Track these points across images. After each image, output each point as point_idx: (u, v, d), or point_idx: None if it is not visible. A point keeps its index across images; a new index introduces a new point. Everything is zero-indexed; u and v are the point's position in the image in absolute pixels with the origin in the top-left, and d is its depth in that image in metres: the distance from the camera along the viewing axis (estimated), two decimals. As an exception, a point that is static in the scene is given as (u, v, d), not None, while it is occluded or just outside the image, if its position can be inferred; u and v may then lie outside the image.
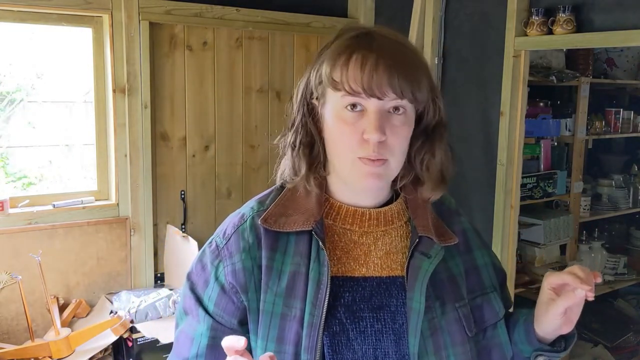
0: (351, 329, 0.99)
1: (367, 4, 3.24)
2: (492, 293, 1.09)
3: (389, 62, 0.93)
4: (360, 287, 1.01)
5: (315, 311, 0.97)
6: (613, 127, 3.75)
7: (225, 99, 2.96)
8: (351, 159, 0.97)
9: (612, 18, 2.28)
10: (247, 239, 1.02)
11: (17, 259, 2.46)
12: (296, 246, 1.01)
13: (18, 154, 2.78)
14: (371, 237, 1.04)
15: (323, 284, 0.97)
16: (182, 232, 2.77)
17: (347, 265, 1.02)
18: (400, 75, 0.93)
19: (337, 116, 0.97)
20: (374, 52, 0.94)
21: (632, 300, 4.10)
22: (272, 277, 1.00)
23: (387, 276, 1.02)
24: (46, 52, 2.71)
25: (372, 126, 0.94)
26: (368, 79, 0.92)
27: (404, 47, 0.98)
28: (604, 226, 4.14)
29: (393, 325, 1.00)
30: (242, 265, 1.01)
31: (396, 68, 0.93)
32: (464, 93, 2.84)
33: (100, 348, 2.36)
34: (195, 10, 2.77)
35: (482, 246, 1.13)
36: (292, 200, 1.05)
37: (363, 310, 1.00)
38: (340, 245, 1.03)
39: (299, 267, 1.00)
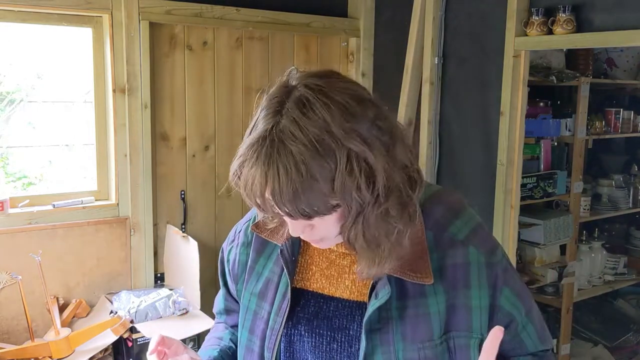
0: (307, 342, 1.04)
1: (367, 4, 3.24)
2: (475, 339, 0.99)
3: (274, 190, 0.86)
4: (325, 304, 1.04)
5: (277, 318, 1.05)
6: (613, 127, 3.74)
7: (225, 99, 2.96)
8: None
9: (612, 18, 2.28)
10: (248, 235, 1.14)
11: (17, 259, 2.46)
12: (276, 256, 1.08)
13: (18, 154, 2.78)
14: (348, 259, 1.04)
15: (286, 297, 1.05)
16: (182, 232, 2.77)
17: (319, 282, 1.06)
18: (293, 208, 0.86)
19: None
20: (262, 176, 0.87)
21: (632, 300, 4.11)
22: (252, 277, 1.11)
23: (354, 300, 1.02)
24: (46, 52, 2.71)
25: (290, 231, 0.95)
26: (261, 205, 0.90)
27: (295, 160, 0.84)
28: (604, 226, 4.14)
29: (349, 349, 1.01)
30: (240, 259, 1.15)
31: (281, 198, 0.85)
32: (464, 93, 2.84)
33: (100, 348, 2.36)
34: (195, 10, 2.77)
35: (486, 286, 1.00)
36: None
37: (322, 327, 1.03)
38: (316, 261, 1.07)
39: (273, 275, 1.08)
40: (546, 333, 1.13)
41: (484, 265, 1.00)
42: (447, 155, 2.94)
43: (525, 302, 1.06)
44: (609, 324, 3.91)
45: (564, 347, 3.53)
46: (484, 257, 1.00)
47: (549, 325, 3.51)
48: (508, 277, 1.03)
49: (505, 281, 1.02)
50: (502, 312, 1.02)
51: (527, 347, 1.09)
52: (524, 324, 1.06)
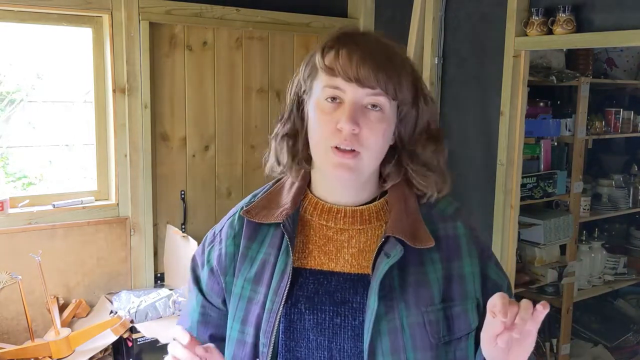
0: (308, 319, 1.03)
1: (367, 4, 3.24)
2: (471, 304, 1.05)
3: (375, 56, 0.99)
4: (326, 280, 1.05)
5: (276, 298, 1.03)
6: (613, 127, 3.74)
7: (225, 99, 2.96)
8: (324, 148, 1.01)
9: (612, 18, 2.28)
10: (235, 227, 1.13)
11: (17, 259, 2.46)
12: (272, 237, 1.08)
13: (18, 154, 2.78)
14: (346, 235, 1.07)
15: (286, 274, 1.04)
16: (182, 232, 2.77)
17: (317, 259, 1.07)
18: (383, 69, 0.98)
19: (317, 107, 1.02)
20: (360, 47, 1.00)
21: (632, 300, 4.10)
22: (245, 263, 1.09)
23: (355, 273, 1.05)
24: (46, 52, 2.71)
25: (345, 116, 0.98)
26: (354, 68, 0.98)
27: (389, 47, 1.03)
28: (604, 226, 4.14)
29: (353, 322, 1.02)
30: (226, 251, 1.12)
31: (380, 64, 0.98)
32: (464, 93, 2.84)
33: (100, 348, 2.36)
34: (195, 10, 2.77)
35: (475, 255, 1.08)
36: (277, 194, 1.13)
37: (324, 303, 1.04)
38: (314, 240, 1.08)
39: (269, 256, 1.07)
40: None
41: (471, 238, 1.10)
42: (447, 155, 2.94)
43: (506, 277, 1.13)
44: (609, 324, 3.91)
45: (564, 347, 3.53)
46: (470, 231, 1.10)
47: (549, 325, 3.52)
48: (491, 255, 1.13)
49: (489, 257, 1.12)
50: (491, 282, 1.09)
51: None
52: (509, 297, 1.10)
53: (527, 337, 0.89)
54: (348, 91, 0.99)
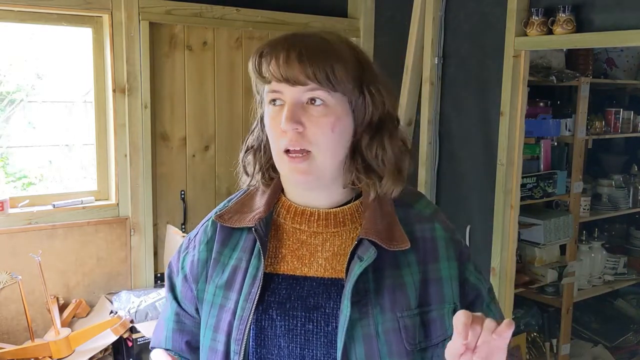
0: (279, 326, 1.01)
1: (367, 4, 3.24)
2: (448, 308, 1.02)
3: (300, 52, 0.96)
4: (298, 285, 1.03)
5: (246, 305, 1.01)
6: (613, 127, 3.74)
7: (225, 99, 2.96)
8: (278, 153, 1.01)
9: (612, 18, 2.28)
10: (208, 233, 1.11)
11: (17, 259, 2.46)
12: (244, 242, 1.06)
13: (18, 154, 2.78)
14: (320, 238, 1.05)
15: (257, 279, 1.01)
16: (182, 232, 2.77)
17: (290, 264, 1.04)
18: (311, 61, 0.95)
19: (266, 112, 1.02)
20: (290, 46, 0.97)
21: (632, 300, 4.11)
22: (217, 269, 1.07)
23: (329, 277, 1.02)
24: (46, 52, 2.71)
25: (284, 116, 0.97)
26: (281, 68, 0.96)
27: (322, 40, 0.99)
28: (604, 226, 4.14)
29: (326, 328, 1.00)
30: (199, 257, 1.10)
31: (308, 57, 0.95)
32: (464, 93, 2.84)
33: (100, 348, 2.36)
34: (195, 10, 2.77)
35: (453, 258, 1.05)
36: (250, 199, 1.12)
37: (296, 308, 1.01)
38: (287, 244, 1.06)
39: (240, 262, 1.05)
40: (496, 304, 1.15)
41: (450, 240, 1.07)
42: (447, 155, 2.94)
43: (486, 281, 1.11)
44: (609, 324, 3.91)
45: (564, 347, 3.53)
46: (449, 233, 1.08)
47: (549, 325, 3.52)
48: (470, 256, 1.10)
49: (469, 257, 1.09)
50: (469, 285, 1.07)
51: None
52: (488, 301, 1.10)
53: (493, 355, 0.82)
54: (284, 91, 0.98)
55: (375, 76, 1.03)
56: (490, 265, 2.71)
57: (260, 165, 1.08)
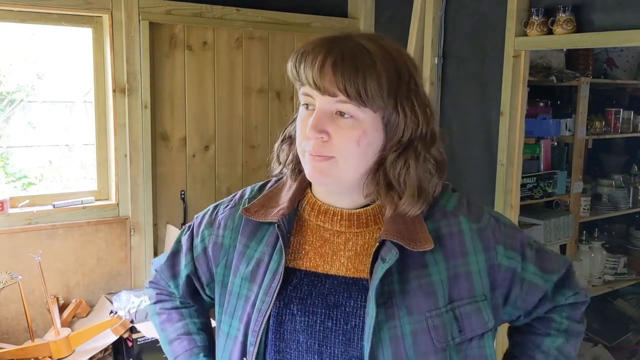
0: (299, 321, 1.02)
1: (367, 4, 3.24)
2: (482, 302, 1.03)
3: (335, 61, 0.95)
4: (320, 282, 1.04)
5: (265, 298, 1.03)
6: (613, 127, 3.75)
7: (225, 99, 2.96)
8: (302, 152, 1.03)
9: (612, 18, 2.28)
10: (235, 220, 1.14)
11: (17, 259, 2.46)
12: (269, 237, 1.08)
13: (18, 154, 2.78)
14: (343, 237, 1.06)
15: (278, 274, 1.03)
16: (182, 232, 2.77)
17: (312, 261, 1.06)
18: (344, 75, 0.94)
19: (299, 112, 1.04)
20: (326, 54, 0.96)
21: (632, 300, 4.11)
22: (242, 261, 1.09)
23: (350, 277, 1.03)
24: (46, 52, 2.71)
25: (310, 124, 0.98)
26: (314, 75, 0.96)
27: (362, 51, 0.96)
28: (604, 226, 4.14)
29: (345, 326, 1.00)
30: (222, 241, 1.14)
31: (342, 69, 0.94)
32: (464, 93, 2.84)
33: (100, 348, 2.36)
34: (195, 10, 2.77)
35: (480, 250, 1.04)
36: (277, 193, 1.14)
37: (317, 305, 1.02)
38: (310, 240, 1.07)
39: (264, 255, 1.07)
40: (546, 262, 1.13)
41: (475, 231, 1.05)
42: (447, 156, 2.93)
43: (517, 248, 1.09)
44: (609, 324, 3.91)
45: (564, 347, 3.52)
46: (474, 224, 1.06)
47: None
48: (499, 235, 1.07)
49: (497, 240, 1.07)
50: (502, 268, 1.06)
51: (540, 286, 1.11)
52: (524, 267, 1.09)
53: None
54: (315, 98, 0.98)
55: (414, 91, 1.00)
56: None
57: (294, 156, 1.09)
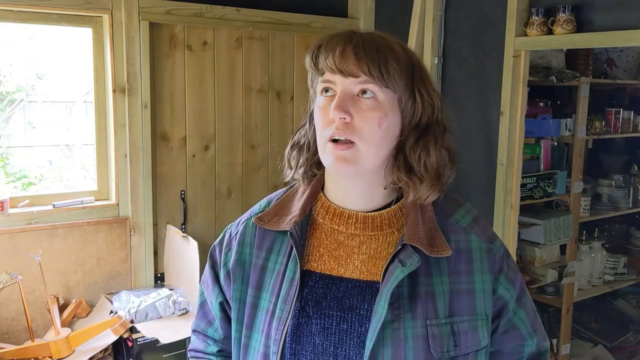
0: (315, 324, 1.03)
1: (367, 4, 3.24)
2: (481, 321, 1.04)
3: (356, 45, 0.99)
4: (334, 285, 1.05)
5: (285, 307, 1.04)
6: (613, 127, 3.74)
7: (225, 99, 2.96)
8: (323, 142, 1.02)
9: (612, 18, 2.28)
10: (248, 234, 1.14)
11: (17, 259, 2.46)
12: (285, 246, 1.09)
13: (18, 154, 2.78)
14: (357, 240, 1.06)
15: (295, 281, 1.04)
16: (182, 232, 2.77)
17: (327, 264, 1.06)
18: (366, 55, 0.98)
19: (317, 103, 1.05)
20: (347, 41, 1.00)
21: (632, 300, 4.11)
22: (259, 274, 1.10)
23: (364, 280, 1.04)
24: (46, 52, 2.71)
25: (334, 105, 0.99)
26: (336, 59, 0.99)
27: (378, 38, 1.02)
28: (604, 226, 4.14)
29: (359, 329, 1.01)
30: (238, 258, 1.13)
31: (364, 51, 0.98)
32: (464, 93, 2.84)
33: (100, 348, 2.36)
34: (195, 10, 2.77)
35: (487, 271, 1.06)
36: (289, 200, 1.13)
37: (332, 308, 1.03)
38: (325, 243, 1.08)
39: (280, 265, 1.08)
40: (539, 325, 1.17)
41: (485, 252, 1.06)
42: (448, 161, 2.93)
43: (517, 289, 1.11)
44: (609, 324, 3.91)
45: (564, 347, 3.53)
46: (485, 244, 1.07)
47: (549, 325, 3.52)
48: (504, 265, 1.09)
49: (501, 268, 1.08)
50: (496, 296, 1.08)
51: (522, 333, 1.13)
52: (515, 309, 1.11)
53: None
54: (337, 82, 1.00)
55: (427, 79, 1.05)
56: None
57: (305, 160, 1.11)
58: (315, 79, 1.06)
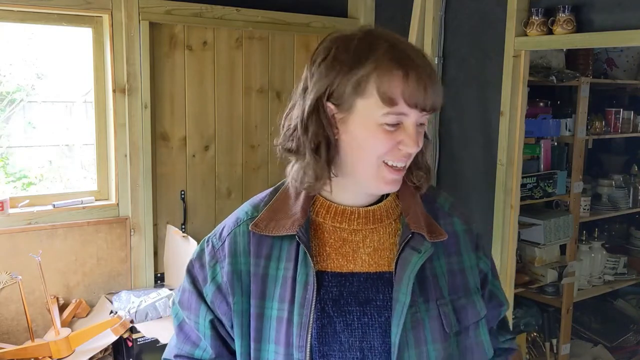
0: (338, 322, 1.04)
1: (367, 4, 3.24)
2: (475, 294, 1.12)
3: (432, 79, 1.00)
4: (347, 282, 1.06)
5: (304, 312, 1.02)
6: (613, 127, 3.74)
7: (225, 99, 2.96)
8: (377, 164, 1.02)
9: (612, 18, 2.28)
10: (239, 243, 1.09)
11: (17, 259, 2.46)
12: (287, 251, 1.06)
13: (18, 154, 2.78)
14: (360, 235, 1.09)
15: (310, 285, 1.03)
16: (182, 232, 2.77)
17: (336, 262, 1.07)
18: (437, 91, 1.01)
19: (372, 126, 1.00)
20: (420, 69, 0.99)
21: (632, 300, 4.10)
22: (268, 284, 1.06)
23: (374, 272, 1.07)
24: (46, 52, 2.71)
25: (412, 141, 1.00)
26: (421, 96, 0.98)
27: (430, 62, 1.04)
28: (604, 226, 4.13)
29: (379, 319, 1.04)
30: (233, 269, 1.08)
31: (436, 86, 1.00)
32: (464, 93, 2.84)
33: (100, 348, 2.36)
34: (195, 10, 2.77)
35: (471, 249, 1.14)
36: (283, 203, 1.10)
37: (350, 304, 1.05)
38: (329, 242, 1.08)
39: (287, 271, 1.06)
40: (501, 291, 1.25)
41: (466, 232, 1.15)
42: (447, 155, 2.94)
43: (490, 261, 1.21)
44: (609, 324, 3.91)
45: (564, 347, 3.53)
46: (465, 225, 1.15)
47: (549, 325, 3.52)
48: (479, 242, 1.18)
49: (478, 245, 1.17)
50: (478, 270, 1.16)
51: (500, 299, 1.21)
52: (492, 279, 1.20)
53: None
54: (411, 115, 1.00)
55: None
56: (490, 265, 2.71)
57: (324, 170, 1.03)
58: (360, 94, 0.99)
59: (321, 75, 1.02)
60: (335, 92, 1.01)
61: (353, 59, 0.99)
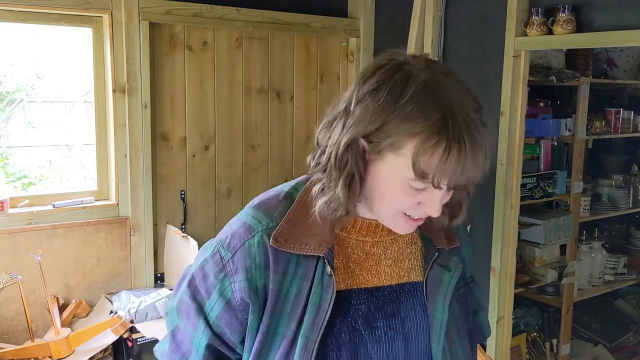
0: (369, 340, 1.03)
1: (367, 4, 3.24)
2: (472, 282, 1.21)
3: (474, 155, 0.91)
4: (374, 297, 1.06)
5: (311, 335, 0.98)
6: (613, 127, 3.74)
7: (225, 99, 2.96)
8: (395, 212, 0.99)
9: (612, 18, 2.28)
10: (255, 257, 1.00)
11: (17, 259, 2.46)
12: (304, 267, 1.00)
13: (18, 154, 2.78)
14: (381, 246, 1.08)
15: (323, 309, 0.98)
16: (182, 232, 2.77)
17: (360, 277, 1.06)
18: (479, 166, 0.93)
19: (397, 181, 0.95)
20: (468, 141, 0.89)
21: (632, 300, 4.10)
22: (279, 299, 1.00)
23: (396, 284, 1.08)
24: (46, 52, 2.71)
25: (434, 209, 0.97)
26: (459, 177, 0.92)
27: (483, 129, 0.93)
28: (604, 226, 4.13)
29: (402, 330, 1.06)
30: (249, 285, 0.99)
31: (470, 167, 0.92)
32: (464, 93, 2.84)
33: (100, 348, 2.36)
34: (195, 10, 2.77)
35: (465, 244, 1.19)
36: (304, 217, 1.02)
37: (378, 319, 1.05)
38: (353, 257, 1.06)
39: (302, 289, 1.00)
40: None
41: (460, 229, 1.19)
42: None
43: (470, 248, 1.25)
44: (609, 324, 3.91)
45: (564, 347, 3.53)
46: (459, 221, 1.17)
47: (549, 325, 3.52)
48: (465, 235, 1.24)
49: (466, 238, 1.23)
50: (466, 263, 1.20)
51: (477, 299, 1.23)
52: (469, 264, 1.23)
53: None
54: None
55: None
56: (490, 265, 2.71)
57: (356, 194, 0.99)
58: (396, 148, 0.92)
59: (365, 114, 0.94)
60: (371, 135, 0.94)
61: (403, 113, 0.91)
